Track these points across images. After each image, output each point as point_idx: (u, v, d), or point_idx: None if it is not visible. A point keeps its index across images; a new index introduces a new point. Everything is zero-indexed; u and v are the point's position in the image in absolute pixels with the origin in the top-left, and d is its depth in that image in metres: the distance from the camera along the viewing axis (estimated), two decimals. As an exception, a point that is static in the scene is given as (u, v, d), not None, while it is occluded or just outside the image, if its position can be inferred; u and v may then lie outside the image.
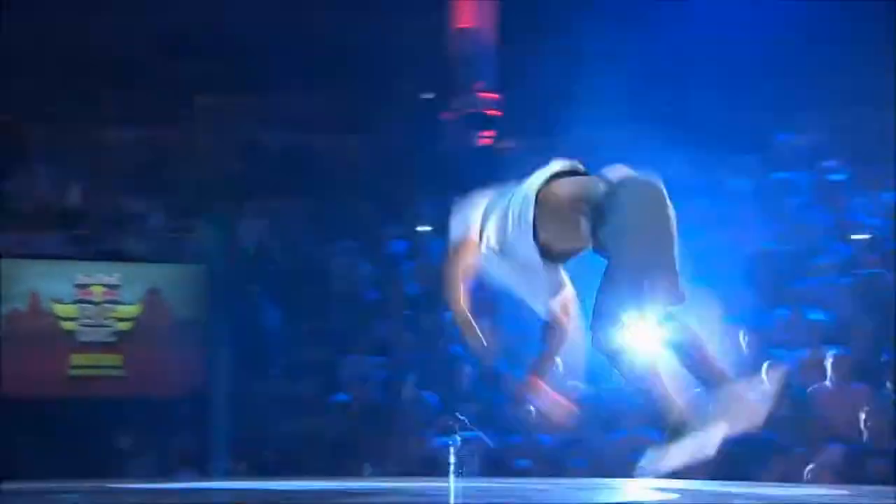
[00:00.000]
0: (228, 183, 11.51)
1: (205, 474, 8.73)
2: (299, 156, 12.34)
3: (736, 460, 7.87)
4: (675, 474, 4.07)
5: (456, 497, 4.52)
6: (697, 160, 10.17)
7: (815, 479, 7.61)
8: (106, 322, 9.65)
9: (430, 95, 12.85)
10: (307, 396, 9.72)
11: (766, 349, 8.45)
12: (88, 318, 9.59)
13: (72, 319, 9.55)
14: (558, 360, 4.42)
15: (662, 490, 5.21)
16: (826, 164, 10.58)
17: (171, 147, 11.88)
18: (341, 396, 9.41)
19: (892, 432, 7.89)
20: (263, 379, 9.83)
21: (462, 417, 8.57)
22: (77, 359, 9.53)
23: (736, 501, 5.15)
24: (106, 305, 9.64)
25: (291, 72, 11.81)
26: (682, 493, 5.10)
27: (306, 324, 10.36)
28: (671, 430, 3.88)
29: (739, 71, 11.85)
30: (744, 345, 8.13)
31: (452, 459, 8.24)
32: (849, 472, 7.67)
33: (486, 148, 12.53)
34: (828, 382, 8.18)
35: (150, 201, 10.95)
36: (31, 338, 9.38)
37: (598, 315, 3.81)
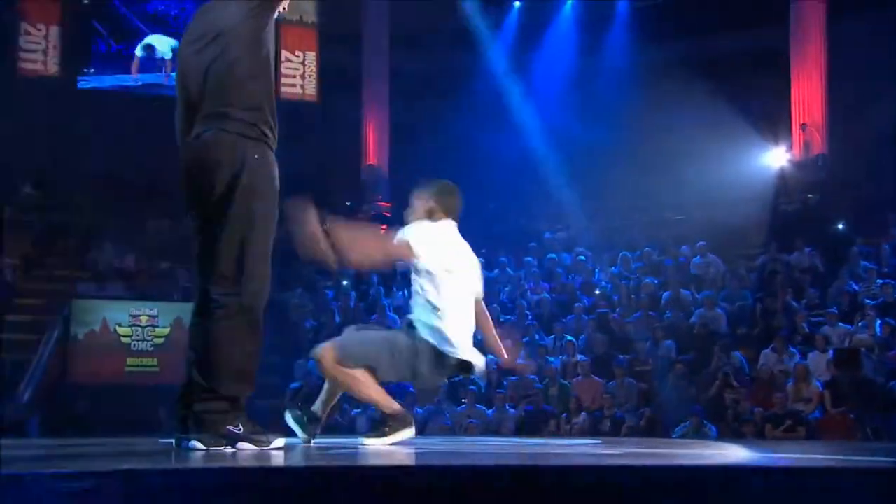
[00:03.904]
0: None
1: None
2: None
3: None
4: None
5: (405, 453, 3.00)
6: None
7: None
8: (148, 338, 9.67)
9: (349, 202, 13.32)
10: (272, 385, 9.60)
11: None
12: (138, 336, 9.64)
13: (127, 337, 9.60)
14: None
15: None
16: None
17: (190, 233, 12.08)
18: (295, 384, 9.53)
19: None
20: None
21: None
22: (130, 361, 9.58)
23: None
24: (149, 328, 9.67)
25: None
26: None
27: (271, 339, 10.57)
28: None
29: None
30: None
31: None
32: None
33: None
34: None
35: (178, 265, 10.98)
36: (101, 347, 9.44)
37: None
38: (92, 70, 12.43)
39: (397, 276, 11.40)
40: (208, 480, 1.78)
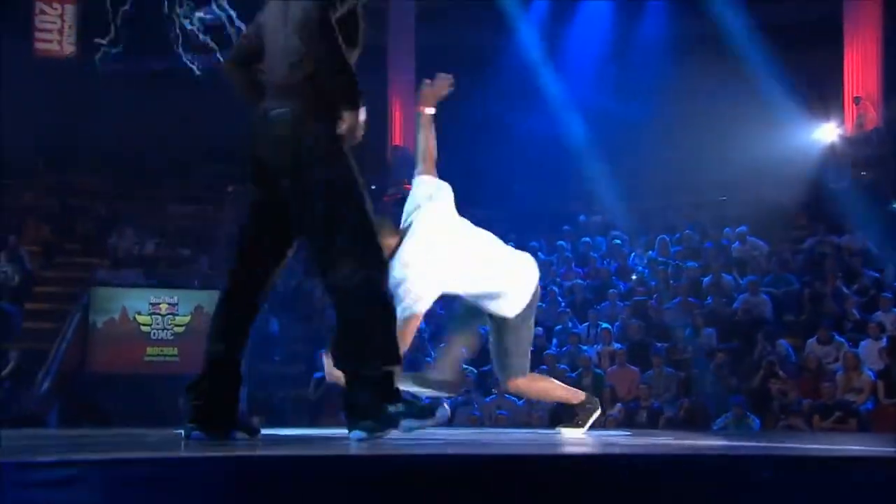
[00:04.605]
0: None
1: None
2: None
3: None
4: None
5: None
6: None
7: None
8: (168, 327, 9.74)
9: (374, 186, 13.32)
10: (297, 374, 9.87)
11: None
12: (157, 324, 9.71)
13: (147, 325, 9.68)
14: None
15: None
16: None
17: (211, 218, 11.96)
18: (318, 374, 9.32)
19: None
20: (269, 363, 9.91)
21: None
22: (150, 350, 9.66)
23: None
24: (168, 316, 9.73)
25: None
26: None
27: (296, 328, 10.50)
28: None
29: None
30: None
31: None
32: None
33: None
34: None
35: (198, 252, 11.19)
36: (121, 336, 9.54)
37: None
38: (112, 50, 12.49)
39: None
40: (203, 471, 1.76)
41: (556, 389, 3.85)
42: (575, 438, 3.45)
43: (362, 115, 2.73)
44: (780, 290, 9.26)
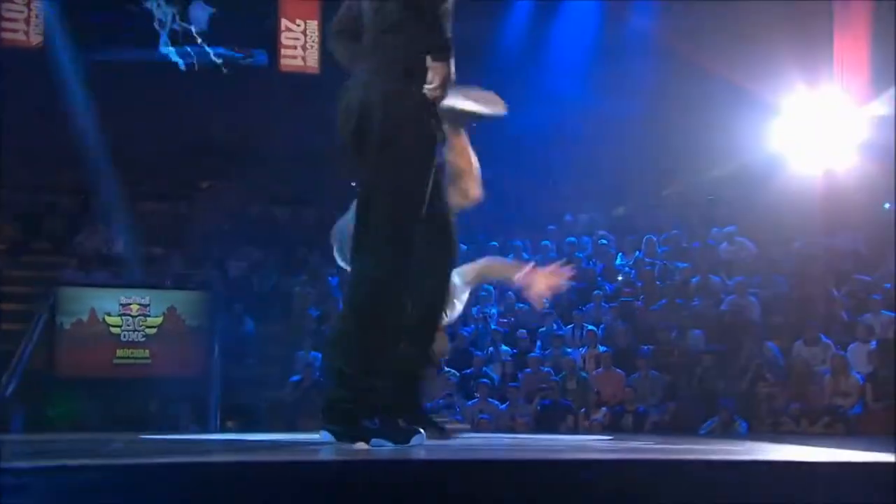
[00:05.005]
0: (221, 238, 11.71)
1: (205, 429, 8.72)
2: (272, 221, 12.66)
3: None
4: None
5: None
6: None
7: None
8: (140, 328, 9.61)
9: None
10: (272, 377, 9.84)
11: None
12: (128, 325, 9.58)
13: (117, 326, 9.55)
14: None
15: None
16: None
17: (184, 216, 12.09)
18: (295, 377, 9.54)
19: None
20: (243, 366, 9.83)
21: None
22: (120, 352, 9.53)
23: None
24: (140, 317, 9.61)
25: (264, 164, 11.77)
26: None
27: (271, 329, 10.45)
28: None
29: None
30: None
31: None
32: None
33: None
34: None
35: (170, 250, 11.14)
36: (89, 338, 9.42)
37: None
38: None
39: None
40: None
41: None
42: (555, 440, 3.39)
43: (452, 66, 2.51)
44: (768, 292, 9.31)
